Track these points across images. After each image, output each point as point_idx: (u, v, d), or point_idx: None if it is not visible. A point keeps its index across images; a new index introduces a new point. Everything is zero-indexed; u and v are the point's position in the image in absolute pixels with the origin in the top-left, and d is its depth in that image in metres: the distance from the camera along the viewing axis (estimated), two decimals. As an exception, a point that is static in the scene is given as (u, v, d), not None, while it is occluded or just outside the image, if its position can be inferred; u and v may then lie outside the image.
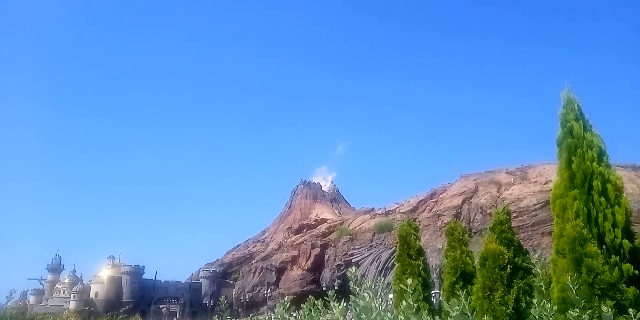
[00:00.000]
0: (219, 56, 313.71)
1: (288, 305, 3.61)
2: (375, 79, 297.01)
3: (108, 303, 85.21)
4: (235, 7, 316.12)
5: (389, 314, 3.14)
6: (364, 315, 3.25)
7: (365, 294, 3.24)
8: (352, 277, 3.61)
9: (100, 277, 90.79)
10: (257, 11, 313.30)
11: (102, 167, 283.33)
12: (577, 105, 8.34)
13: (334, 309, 3.17)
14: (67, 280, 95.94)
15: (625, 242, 6.76)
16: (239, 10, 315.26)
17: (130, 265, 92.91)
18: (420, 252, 9.15)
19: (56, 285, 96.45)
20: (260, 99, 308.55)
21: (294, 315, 5.41)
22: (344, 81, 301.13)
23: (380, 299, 3.75)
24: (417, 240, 9.17)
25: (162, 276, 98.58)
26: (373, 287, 3.80)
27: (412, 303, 3.51)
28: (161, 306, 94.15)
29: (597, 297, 5.90)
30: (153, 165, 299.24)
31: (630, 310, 3.97)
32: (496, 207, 58.60)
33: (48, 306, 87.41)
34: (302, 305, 6.28)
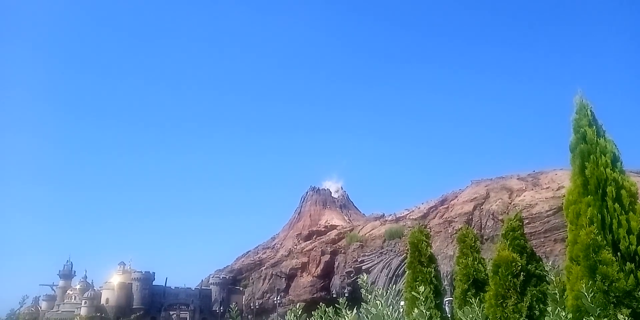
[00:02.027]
0: (229, 62, 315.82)
1: (299, 312, 3.61)
2: (387, 87, 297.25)
3: (119, 309, 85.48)
4: (250, 15, 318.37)
5: (401, 322, 3.13)
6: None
7: (378, 302, 3.22)
8: (364, 284, 3.59)
9: (111, 283, 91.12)
10: (272, 19, 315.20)
11: (114, 174, 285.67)
12: (590, 111, 8.25)
13: (345, 317, 3.16)
14: (78, 286, 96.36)
15: (641, 249, 6.66)
16: (253, 18, 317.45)
17: (141, 272, 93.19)
18: (432, 259, 9.07)
19: (67, 291, 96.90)
20: (270, 106, 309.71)
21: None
22: (355, 89, 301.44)
23: (392, 307, 3.73)
24: (429, 247, 9.10)
25: (173, 282, 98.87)
26: (385, 294, 3.78)
27: (424, 311, 3.49)
28: (171, 313, 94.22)
29: (612, 305, 5.81)
30: (164, 172, 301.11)
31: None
32: (507, 213, 58.08)
33: (60, 312, 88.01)
34: (312, 312, 6.26)
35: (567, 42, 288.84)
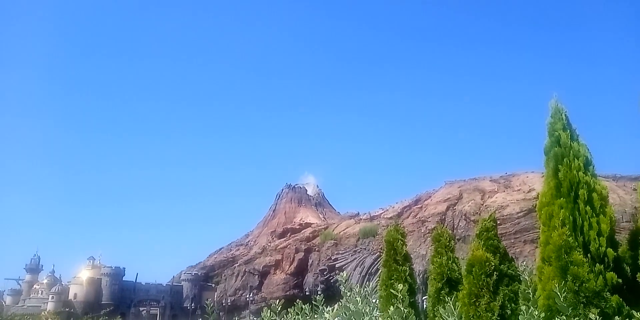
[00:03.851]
0: (209, 62, 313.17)
1: (279, 309, 3.60)
2: (361, 89, 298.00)
3: (87, 305, 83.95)
4: (224, 19, 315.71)
5: (380, 319, 3.15)
6: (355, 320, 3.26)
7: (358, 298, 3.24)
8: (343, 281, 3.61)
9: (80, 278, 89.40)
10: (247, 24, 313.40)
11: (84, 168, 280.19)
12: (565, 115, 8.45)
13: (326, 314, 3.17)
14: (45, 281, 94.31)
15: (610, 250, 6.86)
16: (228, 23, 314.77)
17: (111, 267, 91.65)
18: (407, 258, 9.18)
19: (34, 286, 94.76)
20: (249, 105, 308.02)
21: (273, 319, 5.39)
22: (331, 90, 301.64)
23: (370, 304, 3.75)
24: (404, 246, 9.21)
25: (143, 278, 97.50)
26: (362, 292, 3.80)
27: (403, 308, 3.52)
28: (141, 309, 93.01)
29: (582, 304, 5.97)
30: (136, 167, 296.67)
31: (617, 318, 4.04)
32: (479, 214, 59.04)
33: (25, 307, 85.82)
34: (288, 309, 6.26)
35: (542, 45, 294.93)
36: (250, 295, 79.75)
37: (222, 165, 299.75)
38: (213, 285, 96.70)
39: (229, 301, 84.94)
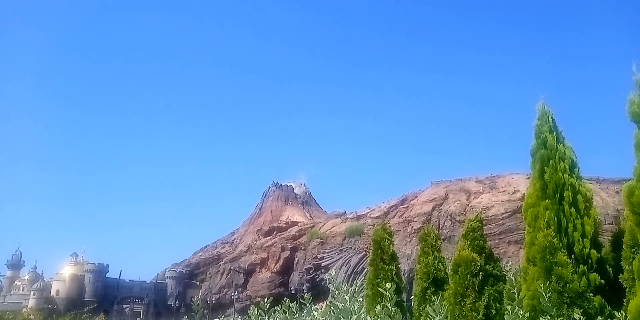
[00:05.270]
0: (198, 61, 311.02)
1: (267, 307, 3.60)
2: (349, 89, 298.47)
3: (70, 301, 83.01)
4: (210, 19, 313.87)
5: (368, 317, 3.15)
6: (343, 318, 3.26)
7: (347, 297, 3.25)
8: (332, 279, 3.62)
9: (62, 275, 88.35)
10: (233, 23, 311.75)
11: (68, 166, 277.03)
12: (552, 118, 8.55)
13: (314, 312, 3.17)
14: (27, 277, 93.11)
15: (593, 252, 6.96)
16: (214, 22, 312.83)
17: (94, 263, 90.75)
18: (394, 257, 9.22)
19: (15, 282, 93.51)
20: (236, 102, 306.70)
21: (261, 317, 5.39)
22: (319, 90, 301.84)
23: (357, 303, 3.76)
24: (391, 245, 9.25)
25: (127, 275, 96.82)
26: (350, 290, 3.82)
27: (390, 307, 3.54)
28: (125, 306, 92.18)
29: (565, 305, 6.04)
30: (122, 165, 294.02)
31: (600, 318, 4.11)
32: (465, 215, 59.45)
33: (6, 303, 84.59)
34: (275, 307, 6.26)
35: (529, 46, 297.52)
36: (235, 294, 79.47)
37: (209, 163, 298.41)
38: (198, 283, 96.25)
39: (213, 299, 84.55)
